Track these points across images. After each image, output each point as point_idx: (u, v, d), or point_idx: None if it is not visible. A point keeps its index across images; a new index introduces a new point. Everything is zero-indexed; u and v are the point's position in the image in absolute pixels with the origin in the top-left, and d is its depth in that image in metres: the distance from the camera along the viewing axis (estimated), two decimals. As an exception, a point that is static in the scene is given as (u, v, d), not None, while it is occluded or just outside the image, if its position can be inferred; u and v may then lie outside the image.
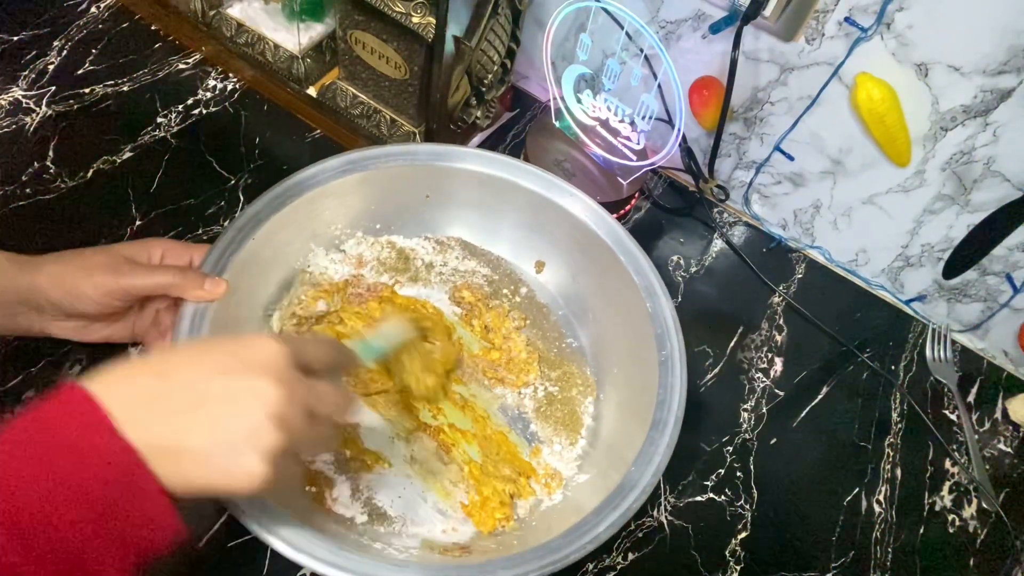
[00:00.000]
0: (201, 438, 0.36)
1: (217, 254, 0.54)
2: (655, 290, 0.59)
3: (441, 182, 0.64)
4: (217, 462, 0.36)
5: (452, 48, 0.63)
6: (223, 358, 0.38)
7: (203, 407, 0.36)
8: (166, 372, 0.37)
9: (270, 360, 0.38)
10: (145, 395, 0.36)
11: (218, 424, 0.36)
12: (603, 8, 0.66)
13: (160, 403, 0.36)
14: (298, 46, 0.75)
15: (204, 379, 0.37)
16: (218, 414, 0.36)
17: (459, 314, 0.65)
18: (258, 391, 0.37)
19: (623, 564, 0.57)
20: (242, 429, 0.36)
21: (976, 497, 0.67)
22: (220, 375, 0.37)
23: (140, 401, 0.36)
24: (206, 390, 0.37)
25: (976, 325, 0.76)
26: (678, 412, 0.53)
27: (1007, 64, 0.57)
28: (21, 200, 0.65)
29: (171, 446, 0.35)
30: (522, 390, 0.62)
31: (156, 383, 0.37)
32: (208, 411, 0.36)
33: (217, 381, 0.37)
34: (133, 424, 0.34)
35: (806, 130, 0.71)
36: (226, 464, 0.36)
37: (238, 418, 0.37)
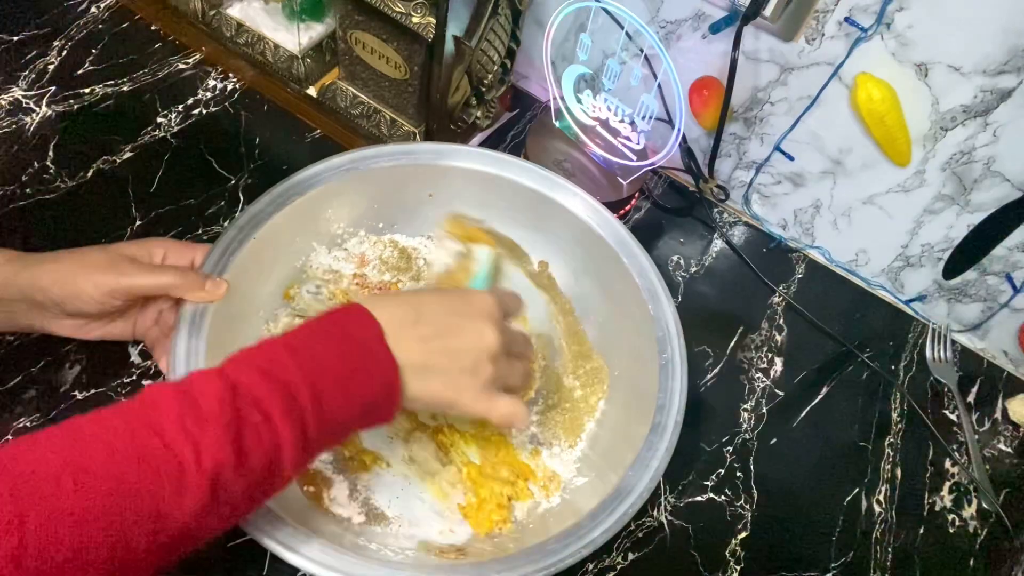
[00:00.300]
0: (442, 361, 0.46)
1: (218, 254, 0.54)
2: (657, 292, 0.59)
3: (443, 181, 0.64)
4: (451, 381, 0.46)
5: (452, 48, 0.63)
6: (459, 302, 0.49)
7: (445, 338, 0.46)
8: (415, 305, 0.47)
9: (490, 308, 0.49)
10: (404, 321, 0.45)
11: (454, 353, 0.46)
12: (603, 8, 0.66)
13: (415, 328, 0.45)
14: (298, 46, 0.75)
15: (447, 317, 0.47)
16: (454, 346, 0.46)
17: None
18: (483, 333, 0.47)
19: (623, 564, 0.57)
20: (470, 361, 0.47)
21: (976, 497, 0.67)
22: (457, 314, 0.48)
23: (403, 324, 0.45)
24: (448, 326, 0.47)
25: (976, 325, 0.76)
26: (678, 416, 0.53)
27: (1007, 64, 0.58)
28: (21, 200, 0.65)
29: (419, 363, 0.45)
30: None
31: (408, 313, 0.46)
32: (448, 342, 0.46)
33: (455, 318, 0.47)
34: (397, 341, 0.44)
35: (806, 130, 0.71)
36: (454, 384, 0.46)
37: (467, 352, 0.47)
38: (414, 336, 0.45)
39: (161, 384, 0.39)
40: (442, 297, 0.49)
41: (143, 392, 0.38)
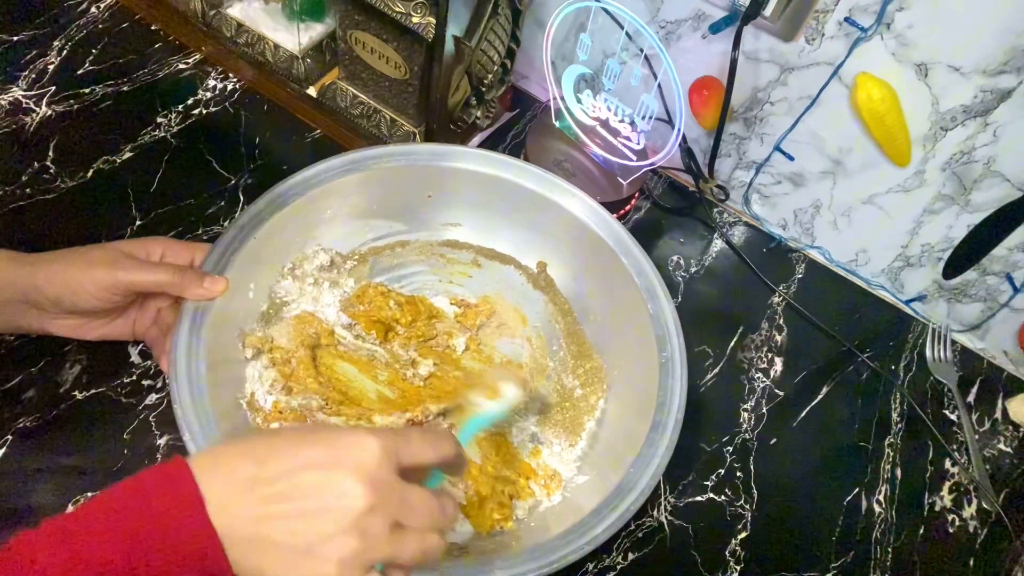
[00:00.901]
0: (283, 533, 0.35)
1: (218, 253, 0.54)
2: (656, 291, 0.59)
3: (443, 182, 0.64)
4: (293, 561, 0.36)
5: (452, 48, 0.63)
6: (320, 451, 0.37)
7: (291, 500, 0.36)
8: (264, 458, 0.37)
9: (366, 461, 0.37)
10: (240, 481, 0.36)
11: (301, 523, 0.36)
12: (603, 8, 0.66)
13: (251, 492, 0.36)
14: (298, 46, 0.75)
15: (296, 470, 0.36)
16: (303, 511, 0.36)
17: (458, 314, 0.65)
18: (346, 495, 0.36)
19: (623, 564, 0.57)
20: (323, 533, 0.36)
21: (976, 497, 0.67)
22: (312, 468, 0.36)
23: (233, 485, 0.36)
24: (298, 483, 0.36)
25: (976, 325, 0.76)
26: (678, 415, 0.53)
27: (1007, 64, 0.58)
28: (21, 200, 0.65)
29: (252, 537, 0.35)
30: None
31: (252, 469, 0.36)
32: (295, 505, 0.36)
33: (310, 475, 0.36)
34: (224, 506, 0.35)
35: (806, 130, 0.71)
36: (301, 564, 0.36)
37: (321, 520, 0.36)
38: (250, 499, 0.35)
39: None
40: (300, 442, 0.38)
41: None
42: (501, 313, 0.66)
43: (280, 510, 0.36)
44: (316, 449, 0.37)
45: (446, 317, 0.65)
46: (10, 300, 0.49)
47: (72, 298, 0.49)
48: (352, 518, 0.36)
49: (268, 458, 0.37)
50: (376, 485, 0.37)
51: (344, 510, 0.36)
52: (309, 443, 0.38)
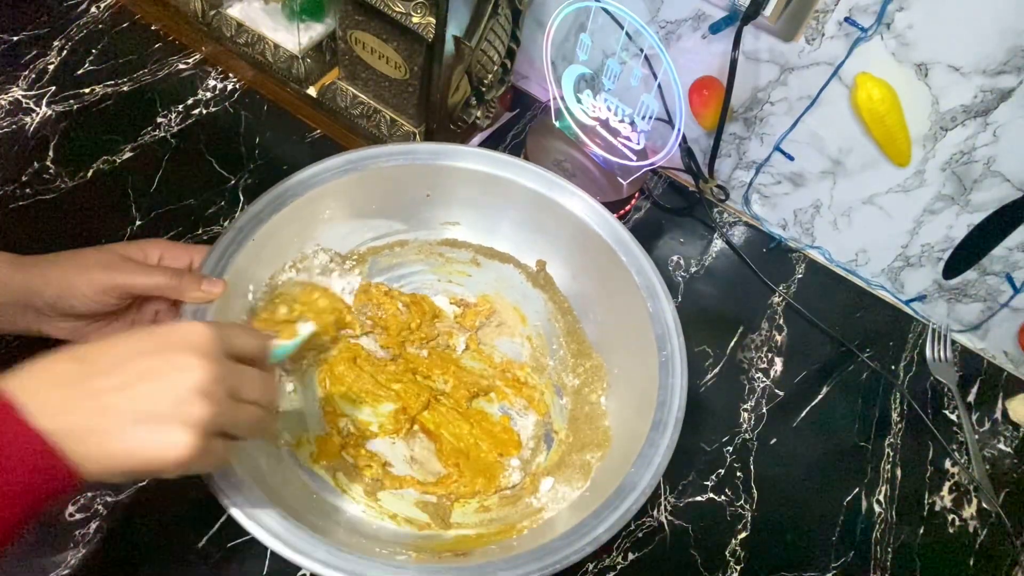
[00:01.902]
0: (123, 415, 0.36)
1: (217, 255, 0.54)
2: (656, 291, 0.59)
3: (442, 181, 0.64)
4: (141, 436, 0.36)
5: (452, 48, 0.63)
6: (147, 340, 0.38)
7: (127, 386, 0.36)
8: (86, 356, 0.37)
9: (196, 340, 0.39)
10: (63, 379, 0.36)
11: (141, 398, 0.36)
12: (603, 8, 0.66)
13: (79, 385, 0.36)
14: (298, 46, 0.75)
15: (126, 359, 0.37)
16: (144, 390, 0.37)
17: (457, 313, 0.65)
18: (183, 366, 0.37)
19: (623, 564, 0.57)
20: (167, 401, 0.37)
21: (976, 497, 0.67)
22: (143, 355, 0.38)
23: (57, 385, 0.36)
24: (128, 368, 0.37)
25: (976, 325, 0.76)
26: (678, 414, 0.53)
27: (1007, 64, 0.57)
28: (21, 200, 0.65)
29: (91, 426, 0.35)
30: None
31: (75, 367, 0.37)
32: (133, 389, 0.36)
33: (140, 360, 0.37)
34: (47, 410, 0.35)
35: (806, 130, 0.71)
36: (151, 437, 0.36)
37: (162, 392, 0.37)
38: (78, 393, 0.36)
39: None
40: (128, 340, 0.39)
41: None
42: (501, 312, 0.66)
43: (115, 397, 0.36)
44: (146, 340, 0.38)
45: (446, 317, 0.65)
46: (7, 302, 0.49)
47: (69, 301, 0.49)
48: (193, 385, 0.37)
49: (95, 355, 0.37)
50: (212, 358, 0.38)
51: (184, 379, 0.37)
52: (135, 336, 0.39)
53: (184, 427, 0.37)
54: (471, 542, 0.53)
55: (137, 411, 0.36)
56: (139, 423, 0.36)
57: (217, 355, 0.39)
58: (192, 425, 0.37)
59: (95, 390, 0.36)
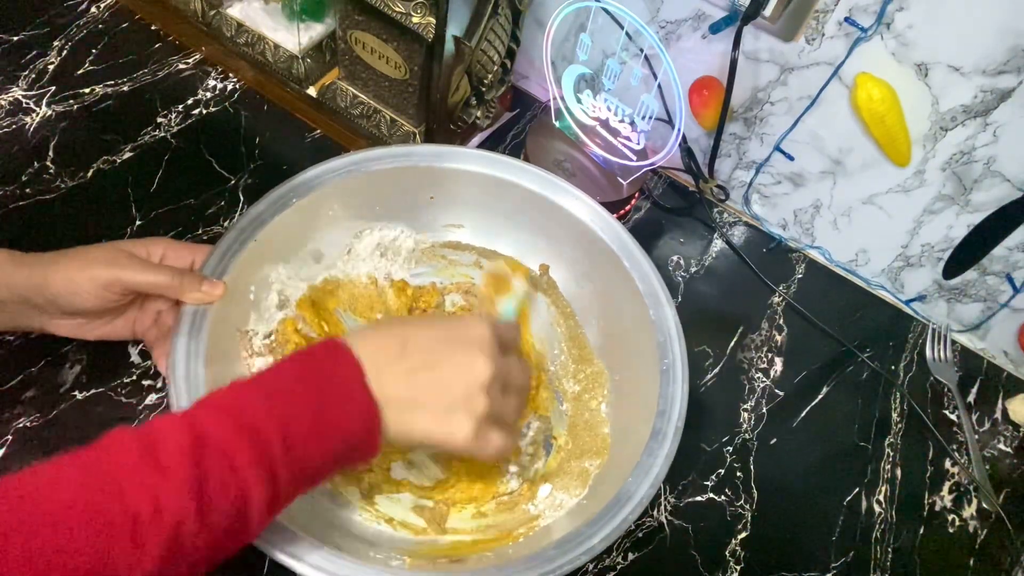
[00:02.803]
0: (429, 395, 0.44)
1: (219, 255, 0.54)
2: (659, 297, 0.59)
3: (445, 183, 0.64)
4: (439, 417, 0.44)
5: (452, 48, 0.63)
6: (449, 332, 0.46)
7: (433, 370, 0.44)
8: (403, 337, 0.45)
9: (483, 339, 0.46)
10: (387, 353, 0.43)
11: (443, 386, 0.44)
12: (603, 8, 0.66)
13: (398, 361, 0.43)
14: (298, 46, 0.75)
15: (435, 346, 0.45)
16: (443, 378, 0.44)
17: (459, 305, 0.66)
18: (475, 365, 0.45)
19: (623, 564, 0.57)
20: (460, 394, 0.44)
21: (976, 497, 0.67)
22: (445, 345, 0.45)
23: (385, 358, 0.43)
24: (437, 357, 0.44)
25: (976, 325, 0.76)
26: (678, 423, 0.53)
27: (1007, 64, 0.58)
28: (21, 200, 0.65)
29: (405, 399, 0.43)
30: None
31: (395, 345, 0.44)
32: (437, 374, 0.44)
33: (444, 350, 0.45)
34: (379, 376, 0.42)
35: (806, 130, 0.71)
36: (446, 419, 0.44)
37: (458, 384, 0.44)
38: (399, 370, 0.43)
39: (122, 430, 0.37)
40: (431, 326, 0.47)
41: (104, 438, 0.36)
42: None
43: (427, 377, 0.44)
44: (445, 331, 0.46)
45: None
46: (10, 300, 0.49)
47: (70, 297, 0.49)
48: (481, 384, 0.44)
49: (408, 336, 0.45)
50: (493, 358, 0.45)
51: (475, 378, 0.44)
52: (438, 327, 0.47)
53: (469, 417, 0.44)
54: (467, 548, 0.53)
55: (438, 396, 0.44)
56: (438, 407, 0.44)
57: (495, 353, 0.46)
58: (475, 416, 0.44)
59: (409, 369, 0.43)
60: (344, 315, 0.62)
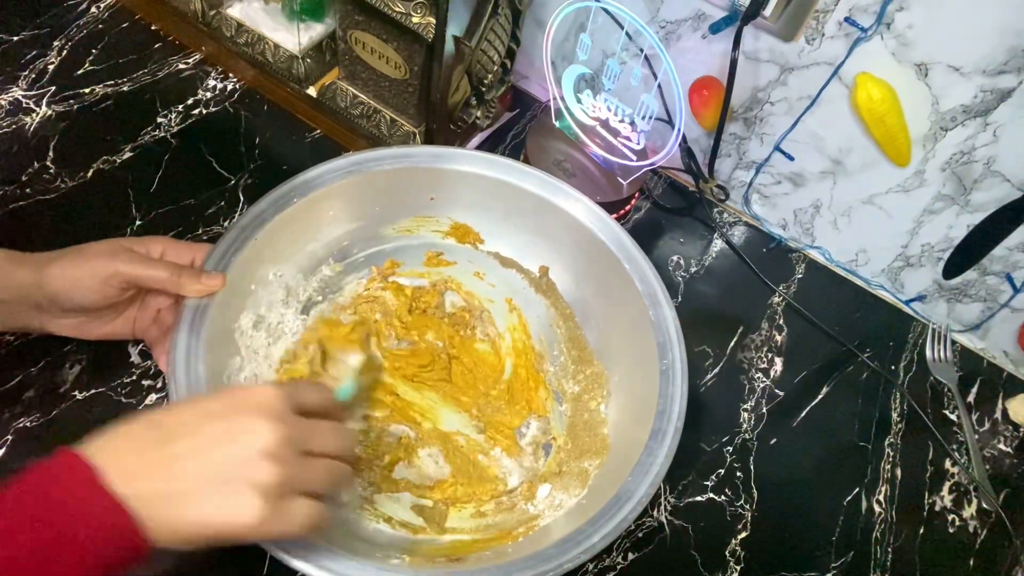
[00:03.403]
0: (195, 479, 0.36)
1: (219, 253, 0.54)
2: (658, 297, 0.59)
3: (445, 184, 0.64)
4: (213, 501, 0.37)
5: (452, 48, 0.63)
6: (218, 404, 0.39)
7: (197, 450, 0.37)
8: (159, 422, 0.38)
9: (265, 402, 0.39)
10: (139, 444, 0.37)
11: (211, 463, 0.37)
12: (603, 8, 0.66)
13: (153, 450, 0.37)
14: (298, 46, 0.75)
15: (198, 424, 0.38)
16: (211, 454, 0.37)
17: (459, 306, 0.66)
18: (251, 429, 0.38)
19: (623, 564, 0.57)
20: (234, 465, 0.37)
21: (976, 497, 0.67)
22: (214, 418, 0.38)
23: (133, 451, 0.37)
24: (200, 433, 0.38)
25: (976, 325, 0.76)
26: (678, 423, 0.53)
27: (1007, 64, 0.58)
28: (21, 200, 0.65)
29: (164, 490, 0.36)
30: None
31: (149, 432, 0.37)
32: (202, 453, 0.37)
33: (211, 424, 0.38)
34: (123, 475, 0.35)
35: (806, 130, 0.71)
36: (221, 502, 0.37)
37: (231, 456, 0.37)
38: (158, 459, 0.36)
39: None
40: (199, 404, 0.40)
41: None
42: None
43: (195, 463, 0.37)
44: (215, 403, 0.39)
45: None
46: (10, 299, 0.49)
47: (71, 293, 0.49)
48: (263, 447, 0.37)
49: (163, 421, 0.38)
50: (280, 421, 0.39)
51: (254, 442, 0.37)
52: (206, 400, 0.40)
53: (253, 491, 0.37)
54: (466, 547, 0.53)
55: (207, 476, 0.37)
56: (209, 488, 0.37)
57: (284, 415, 0.39)
58: (261, 488, 0.37)
59: (168, 455, 0.37)
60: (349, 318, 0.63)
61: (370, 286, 0.65)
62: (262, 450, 0.37)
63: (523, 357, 0.64)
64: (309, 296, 0.62)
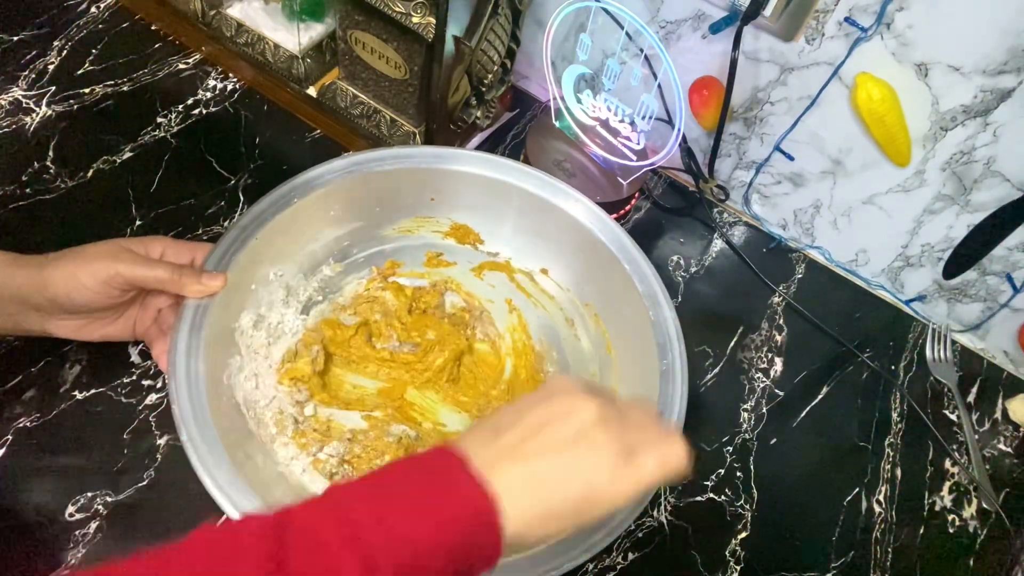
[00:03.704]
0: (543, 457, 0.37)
1: (220, 253, 0.54)
2: (658, 298, 0.59)
3: (445, 185, 0.64)
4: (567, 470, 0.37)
5: (452, 48, 0.63)
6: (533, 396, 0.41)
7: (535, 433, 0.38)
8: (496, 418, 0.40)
9: (570, 385, 0.41)
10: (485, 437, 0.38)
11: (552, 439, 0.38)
12: (603, 8, 0.66)
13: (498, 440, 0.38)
14: (298, 46, 0.75)
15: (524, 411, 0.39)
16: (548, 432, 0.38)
17: (459, 307, 0.65)
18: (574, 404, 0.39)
19: (623, 564, 0.57)
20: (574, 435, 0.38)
21: (976, 497, 0.67)
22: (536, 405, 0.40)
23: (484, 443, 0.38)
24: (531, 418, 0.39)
25: (976, 325, 0.76)
26: (678, 423, 0.53)
27: (1007, 64, 0.58)
28: (21, 200, 0.65)
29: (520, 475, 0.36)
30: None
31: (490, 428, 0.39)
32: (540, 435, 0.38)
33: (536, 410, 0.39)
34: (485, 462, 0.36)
35: (806, 130, 0.71)
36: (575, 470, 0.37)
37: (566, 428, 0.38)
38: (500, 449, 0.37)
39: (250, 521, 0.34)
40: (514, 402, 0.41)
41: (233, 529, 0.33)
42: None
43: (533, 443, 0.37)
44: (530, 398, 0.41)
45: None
46: (10, 301, 0.49)
47: (71, 295, 0.49)
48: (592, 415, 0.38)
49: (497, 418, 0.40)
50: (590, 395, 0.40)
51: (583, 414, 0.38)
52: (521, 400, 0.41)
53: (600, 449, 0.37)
54: None
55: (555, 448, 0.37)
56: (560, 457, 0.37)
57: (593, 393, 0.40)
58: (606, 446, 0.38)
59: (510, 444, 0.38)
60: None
61: (370, 286, 0.65)
62: (592, 417, 0.38)
63: (523, 357, 0.64)
64: (309, 296, 0.62)
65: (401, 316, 0.63)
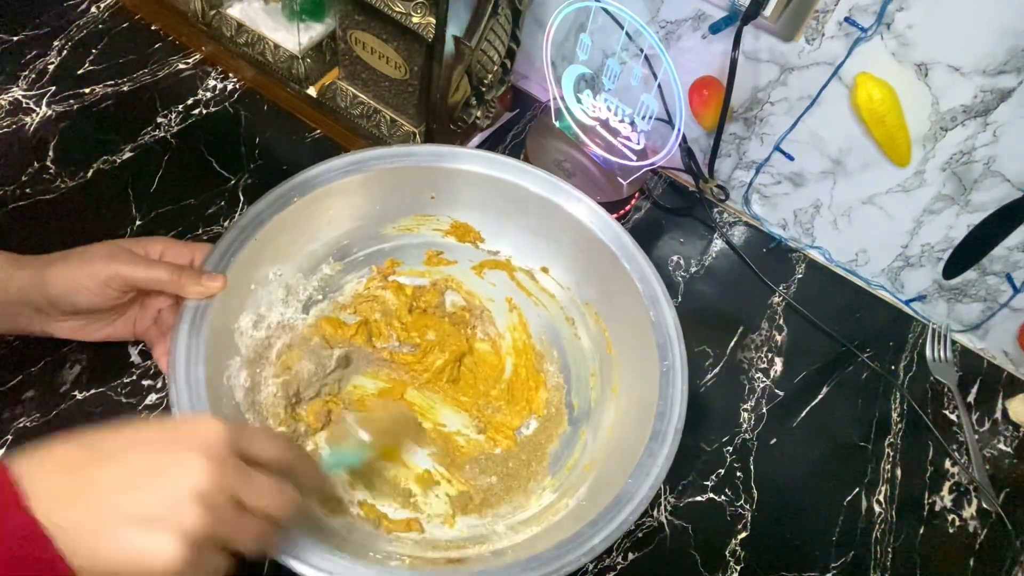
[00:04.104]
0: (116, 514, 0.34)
1: (219, 253, 0.54)
2: (659, 298, 0.59)
3: (445, 184, 0.64)
4: (130, 539, 0.34)
5: (452, 48, 0.63)
6: (157, 433, 0.37)
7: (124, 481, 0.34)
8: (92, 443, 0.35)
9: (207, 438, 0.36)
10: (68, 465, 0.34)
11: (137, 497, 0.34)
12: (603, 8, 0.66)
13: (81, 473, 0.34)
14: (298, 46, 0.75)
15: (132, 451, 0.35)
16: (139, 487, 0.34)
17: (459, 306, 0.65)
18: (186, 465, 0.35)
19: (623, 564, 0.57)
20: (160, 504, 0.34)
21: (976, 497, 0.67)
22: (150, 448, 0.36)
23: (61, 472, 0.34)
24: (132, 462, 0.35)
25: (976, 325, 0.76)
26: (678, 424, 0.53)
27: (1007, 64, 0.58)
28: (21, 200, 0.65)
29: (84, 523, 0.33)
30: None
31: (82, 453, 0.35)
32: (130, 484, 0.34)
33: (145, 454, 0.35)
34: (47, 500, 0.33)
35: (806, 130, 0.71)
36: (138, 541, 0.34)
37: (158, 492, 0.34)
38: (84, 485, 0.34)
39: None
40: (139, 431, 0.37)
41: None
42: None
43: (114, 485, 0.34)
44: (154, 431, 0.37)
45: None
46: (10, 301, 0.49)
47: (71, 296, 0.49)
48: (194, 488, 0.34)
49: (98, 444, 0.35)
50: (219, 461, 0.35)
51: (186, 480, 0.34)
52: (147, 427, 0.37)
53: (174, 534, 0.34)
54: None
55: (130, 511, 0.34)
56: (130, 525, 0.34)
57: (224, 457, 0.36)
58: (183, 533, 0.34)
59: (94, 482, 0.34)
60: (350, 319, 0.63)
61: (370, 285, 0.65)
62: (192, 490, 0.34)
63: (523, 357, 0.64)
64: (309, 295, 0.62)
65: (401, 315, 0.63)
